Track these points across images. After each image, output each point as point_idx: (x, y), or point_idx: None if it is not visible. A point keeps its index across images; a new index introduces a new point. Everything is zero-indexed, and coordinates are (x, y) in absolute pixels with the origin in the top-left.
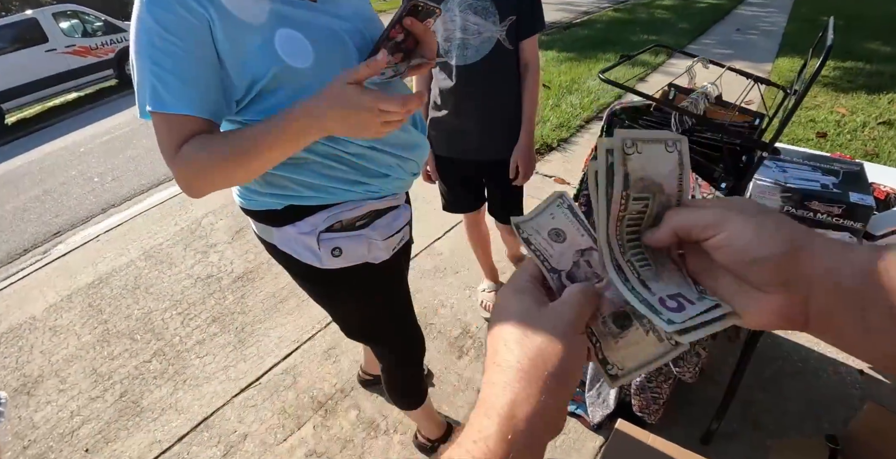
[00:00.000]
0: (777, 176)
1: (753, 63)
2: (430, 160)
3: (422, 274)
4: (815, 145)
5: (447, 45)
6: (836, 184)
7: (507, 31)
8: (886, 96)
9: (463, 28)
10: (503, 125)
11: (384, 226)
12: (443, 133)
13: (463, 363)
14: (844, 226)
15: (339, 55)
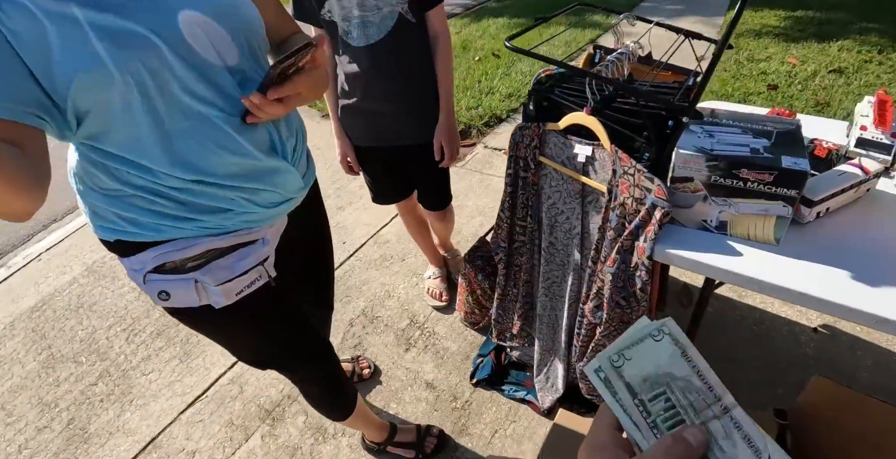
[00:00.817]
0: (702, 143)
1: (706, 17)
2: (350, 151)
3: (368, 264)
4: (766, 98)
5: (346, 25)
6: (767, 147)
7: (409, 3)
8: (836, 44)
9: (360, 5)
10: (420, 106)
11: (223, 268)
12: (356, 121)
13: (410, 356)
14: (778, 194)
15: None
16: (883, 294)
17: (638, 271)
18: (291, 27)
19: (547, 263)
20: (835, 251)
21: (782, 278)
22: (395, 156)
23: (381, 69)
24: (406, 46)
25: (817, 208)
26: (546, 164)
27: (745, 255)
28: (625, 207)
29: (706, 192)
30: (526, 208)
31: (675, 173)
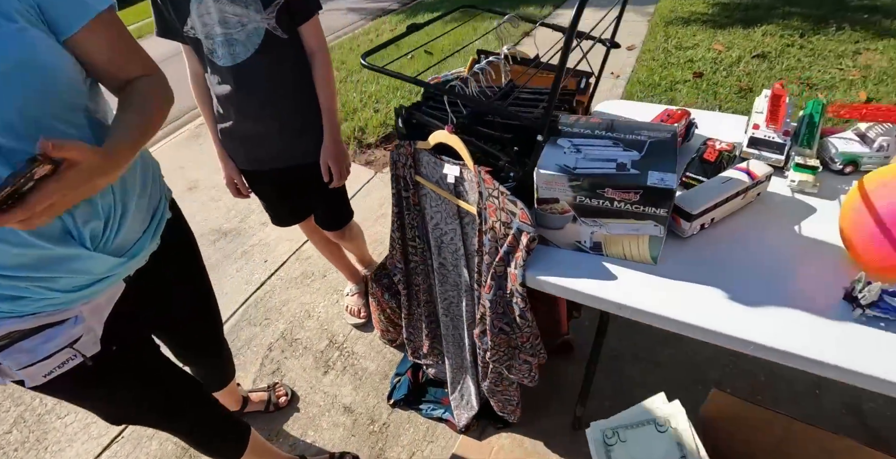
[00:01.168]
0: (567, 160)
1: (639, 5)
2: (235, 175)
3: (289, 283)
4: (692, 86)
5: (210, 43)
6: (636, 161)
7: (277, 18)
8: (761, 29)
9: (222, 21)
10: (300, 126)
11: (25, 352)
12: (235, 144)
13: (329, 380)
14: (646, 213)
15: None
16: (762, 316)
17: (514, 298)
18: (137, 68)
19: (441, 283)
20: (717, 267)
21: (654, 303)
22: (282, 178)
23: (251, 90)
24: (277, 65)
25: (699, 220)
26: (422, 183)
27: (620, 278)
28: (495, 230)
29: (574, 213)
30: (413, 228)
31: (540, 194)
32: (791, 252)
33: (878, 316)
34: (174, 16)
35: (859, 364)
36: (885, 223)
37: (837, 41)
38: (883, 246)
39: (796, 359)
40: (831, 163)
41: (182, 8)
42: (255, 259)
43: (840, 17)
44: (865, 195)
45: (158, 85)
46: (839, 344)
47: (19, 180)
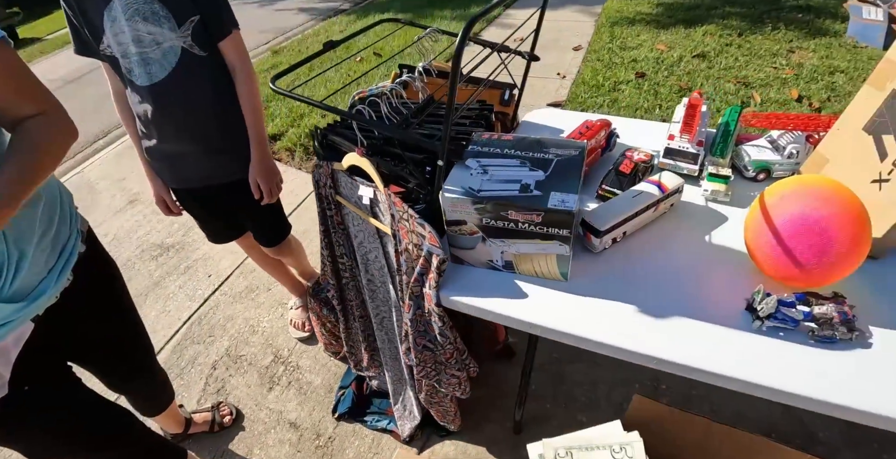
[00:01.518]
0: (472, 181)
1: (586, 6)
2: (164, 192)
3: (234, 298)
4: (634, 86)
5: (126, 62)
6: (540, 181)
7: (193, 35)
8: (701, 29)
9: (136, 40)
10: (224, 144)
11: None
12: (160, 163)
13: (273, 396)
14: (550, 234)
15: None
16: (666, 331)
17: (432, 317)
18: (28, 107)
19: (372, 299)
20: (627, 282)
21: (563, 321)
22: (212, 195)
23: (171, 110)
24: (196, 83)
25: (609, 235)
26: (342, 203)
27: (531, 296)
28: (409, 252)
29: (482, 233)
30: (340, 245)
31: (447, 217)
32: (700, 263)
33: (776, 327)
34: (89, 34)
35: (757, 376)
36: (782, 236)
37: (773, 40)
38: (780, 257)
39: (698, 373)
40: (745, 171)
41: (96, 26)
42: (199, 274)
43: (775, 17)
44: (765, 208)
45: (51, 124)
46: (739, 356)
47: None
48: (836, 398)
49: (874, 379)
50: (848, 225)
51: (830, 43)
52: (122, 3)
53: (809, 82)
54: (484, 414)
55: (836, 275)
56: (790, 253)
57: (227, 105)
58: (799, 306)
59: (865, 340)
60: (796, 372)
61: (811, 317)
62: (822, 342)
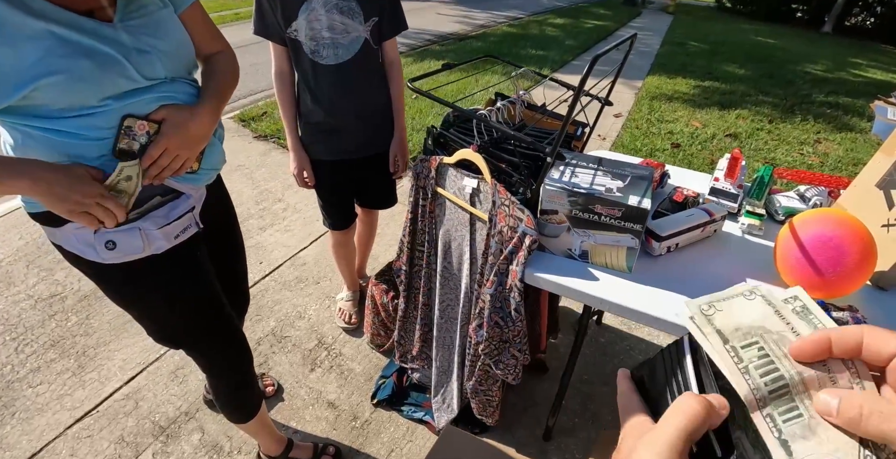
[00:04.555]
0: (566, 181)
1: (628, 80)
2: (307, 165)
3: (283, 285)
4: (669, 154)
5: (313, 44)
6: (620, 188)
7: (372, 30)
8: (735, 112)
9: (330, 27)
10: (380, 121)
11: (160, 216)
12: (320, 136)
13: (315, 377)
14: (626, 228)
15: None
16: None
17: (512, 293)
18: (218, 45)
19: (442, 286)
20: (677, 280)
21: (628, 300)
22: (349, 171)
23: (348, 87)
24: (370, 68)
25: (666, 242)
26: (441, 194)
27: (601, 280)
28: (502, 234)
29: (569, 223)
30: (424, 233)
31: (543, 206)
32: (738, 274)
33: None
34: (280, 18)
35: None
36: (806, 249)
37: (801, 129)
38: (805, 268)
39: None
40: (776, 214)
41: (291, 13)
42: (251, 260)
43: (805, 110)
44: (793, 229)
45: (233, 60)
46: None
47: (127, 136)
48: None
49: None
50: (857, 242)
51: (855, 138)
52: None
53: (834, 170)
54: (516, 419)
55: (850, 286)
56: (813, 264)
57: (382, 89)
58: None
59: None
60: None
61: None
62: None
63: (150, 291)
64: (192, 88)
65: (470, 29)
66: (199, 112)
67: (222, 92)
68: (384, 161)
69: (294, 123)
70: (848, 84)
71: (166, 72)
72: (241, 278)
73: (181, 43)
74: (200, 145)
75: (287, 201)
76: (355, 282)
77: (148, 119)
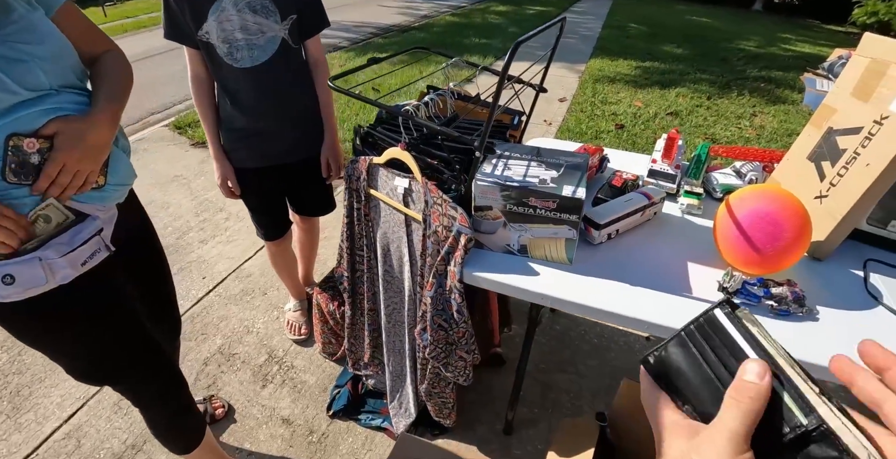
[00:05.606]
0: (499, 175)
1: (571, 63)
2: (231, 174)
3: (228, 300)
4: (614, 136)
5: (226, 46)
6: (554, 178)
7: (290, 29)
8: (675, 90)
9: (243, 28)
10: (308, 124)
11: (62, 243)
12: (242, 143)
13: (267, 393)
14: (562, 219)
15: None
16: (655, 304)
17: (453, 295)
18: (103, 44)
19: (386, 290)
20: (620, 268)
21: (569, 293)
22: (278, 176)
23: (267, 90)
24: (289, 69)
25: (605, 230)
26: (374, 196)
27: (542, 274)
28: (437, 234)
29: (505, 218)
30: (362, 238)
31: (476, 203)
32: (679, 257)
33: (743, 302)
34: (189, 20)
35: None
36: (742, 227)
37: (738, 104)
38: (742, 245)
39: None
40: (713, 192)
41: (200, 14)
42: (193, 276)
43: (740, 85)
44: (730, 207)
45: (122, 59)
46: None
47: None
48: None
49: (819, 341)
50: (793, 217)
51: (788, 109)
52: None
53: (770, 142)
54: (476, 416)
55: (787, 261)
56: (749, 241)
57: (307, 92)
58: (760, 287)
59: (813, 315)
60: None
61: (770, 295)
62: (780, 315)
63: (61, 327)
64: (82, 97)
65: (413, 20)
66: (94, 120)
67: (117, 94)
68: (316, 166)
69: (215, 130)
70: (779, 59)
71: (51, 81)
72: (169, 302)
73: (60, 47)
74: (102, 156)
75: (229, 210)
76: (301, 291)
77: (37, 135)
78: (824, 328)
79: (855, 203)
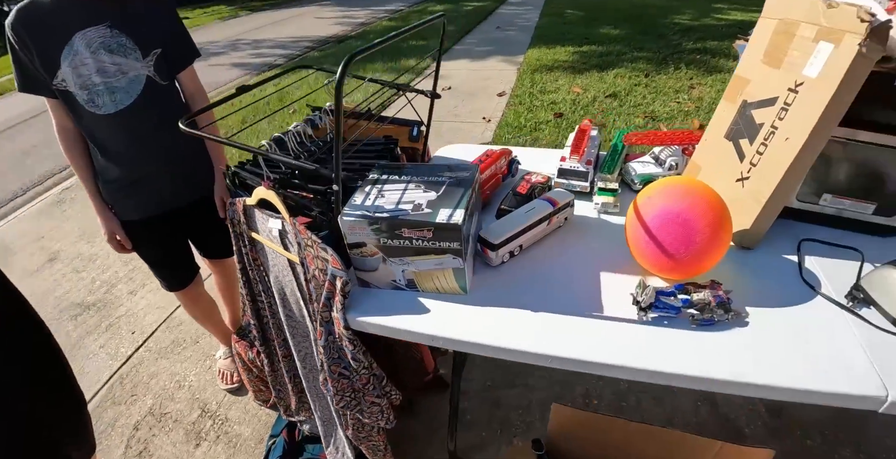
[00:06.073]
0: (368, 205)
1: (510, 56)
2: (118, 228)
3: (159, 354)
4: (553, 125)
5: (85, 93)
6: (431, 201)
7: (156, 65)
8: (613, 72)
9: (100, 71)
10: (193, 163)
11: None
12: (125, 192)
13: (201, 452)
14: (443, 248)
15: None
16: (561, 332)
17: (343, 342)
18: None
19: (293, 336)
20: (524, 292)
21: (462, 330)
22: (175, 219)
23: (138, 135)
24: (160, 108)
25: (504, 250)
26: (257, 239)
27: (433, 311)
28: (317, 278)
29: (382, 254)
30: (258, 283)
31: (348, 240)
32: (593, 268)
33: (660, 316)
34: (41, 69)
35: (643, 362)
36: (652, 231)
37: (675, 78)
38: (654, 251)
39: (589, 365)
40: (632, 184)
41: (51, 61)
42: (122, 331)
43: (677, 59)
44: (637, 209)
45: None
46: (628, 347)
47: None
48: (718, 374)
49: (748, 354)
50: (706, 214)
51: (725, 78)
52: (84, 39)
53: (709, 113)
54: (422, 449)
55: (707, 262)
56: (661, 246)
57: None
58: (679, 295)
59: (741, 319)
60: (680, 355)
61: (690, 303)
62: (703, 325)
63: None
64: None
65: (350, 29)
66: None
67: None
68: (212, 205)
69: (93, 183)
70: (713, 29)
71: None
72: (60, 382)
73: None
74: None
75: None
76: (227, 334)
77: None
78: (754, 334)
79: (778, 184)
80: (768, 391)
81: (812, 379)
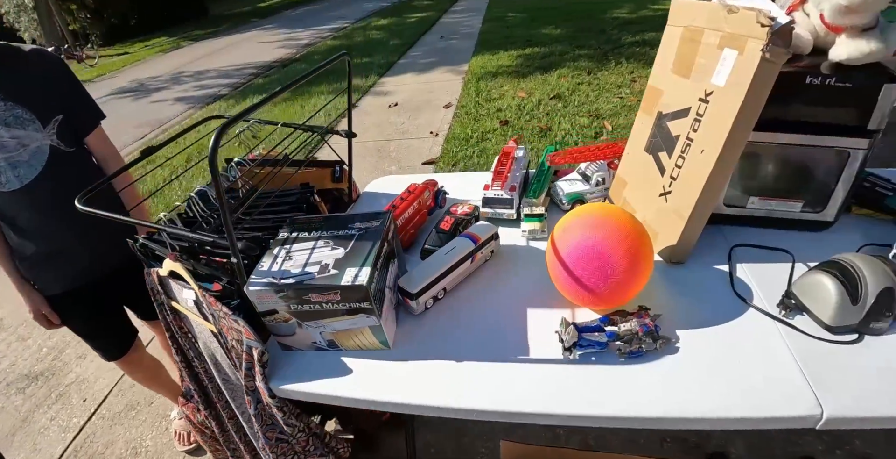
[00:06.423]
0: (275, 271)
1: (454, 65)
2: (43, 304)
3: (112, 420)
4: (500, 133)
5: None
6: (339, 260)
7: (59, 133)
8: (556, 73)
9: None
10: (107, 229)
11: None
12: (43, 267)
13: None
14: (354, 308)
15: None
16: (485, 382)
17: (272, 410)
18: None
19: (234, 399)
20: (447, 339)
21: (384, 390)
22: (103, 285)
23: (48, 208)
24: (68, 178)
25: (425, 296)
26: (178, 308)
27: (355, 370)
28: (235, 348)
29: (296, 319)
30: (189, 350)
31: (259, 309)
32: (521, 306)
33: (587, 353)
34: None
35: (572, 407)
36: (569, 266)
37: (617, 74)
38: (574, 285)
39: (516, 416)
40: (561, 204)
41: None
42: (73, 400)
43: (618, 54)
44: (554, 243)
45: None
46: (558, 391)
47: None
48: (648, 412)
49: (680, 384)
50: (622, 243)
51: None
52: None
53: None
54: None
55: (630, 291)
56: (580, 281)
57: (102, 194)
58: (606, 327)
59: (671, 345)
60: (609, 395)
61: (616, 336)
62: (631, 357)
63: None
64: None
65: (294, 51)
66: None
67: None
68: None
69: (9, 261)
70: (650, 20)
71: None
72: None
73: None
74: None
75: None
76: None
77: None
78: (684, 361)
79: (698, 198)
80: (700, 424)
81: (747, 406)
